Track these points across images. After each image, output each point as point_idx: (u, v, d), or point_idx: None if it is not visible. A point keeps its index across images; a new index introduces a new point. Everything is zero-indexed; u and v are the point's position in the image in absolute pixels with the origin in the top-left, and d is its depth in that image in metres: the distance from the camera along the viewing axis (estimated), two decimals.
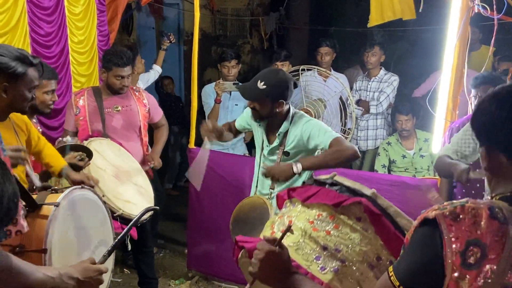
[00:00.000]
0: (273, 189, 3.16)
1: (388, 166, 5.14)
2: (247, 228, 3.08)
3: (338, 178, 2.08)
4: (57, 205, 1.99)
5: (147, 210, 2.44)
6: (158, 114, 4.17)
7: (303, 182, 2.38)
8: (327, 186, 2.08)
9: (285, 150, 3.16)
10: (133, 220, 2.31)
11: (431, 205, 1.35)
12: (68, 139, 3.24)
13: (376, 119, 5.45)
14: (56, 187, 2.16)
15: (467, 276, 1.22)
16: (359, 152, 3.05)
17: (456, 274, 1.23)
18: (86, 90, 3.93)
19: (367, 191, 1.98)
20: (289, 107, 3.20)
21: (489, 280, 1.21)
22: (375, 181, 3.98)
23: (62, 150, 3.01)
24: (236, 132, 3.57)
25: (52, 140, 3.28)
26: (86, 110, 3.80)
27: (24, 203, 1.91)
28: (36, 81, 2.47)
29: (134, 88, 4.14)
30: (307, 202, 2.05)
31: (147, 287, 4.17)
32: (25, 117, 2.68)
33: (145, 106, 4.01)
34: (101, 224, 2.40)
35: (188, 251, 4.76)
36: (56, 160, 2.82)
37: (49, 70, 3.12)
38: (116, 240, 2.12)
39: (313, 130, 3.07)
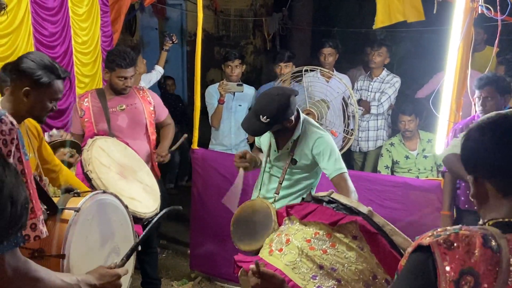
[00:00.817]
0: (277, 194, 3.16)
1: (391, 167, 5.14)
2: (248, 231, 3.08)
3: (335, 196, 2.15)
4: (77, 210, 1.98)
5: (169, 210, 2.40)
6: (164, 113, 4.17)
7: (302, 198, 2.40)
8: (324, 204, 2.12)
9: (293, 157, 3.15)
10: (154, 220, 2.29)
11: (434, 207, 1.36)
12: (54, 132, 3.17)
13: (377, 119, 5.45)
14: (78, 191, 2.14)
15: None
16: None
17: None
18: (90, 92, 3.93)
19: (364, 209, 2.03)
20: (299, 113, 3.17)
21: None
22: (378, 182, 3.99)
23: (53, 147, 2.97)
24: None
25: None
26: (90, 111, 3.81)
27: (45, 207, 1.90)
28: (60, 94, 2.47)
29: (138, 87, 4.15)
30: (305, 220, 2.10)
31: None
32: (36, 123, 2.68)
33: (150, 104, 4.01)
34: (123, 229, 2.38)
35: (190, 251, 4.76)
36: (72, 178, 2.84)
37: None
38: (135, 244, 2.11)
39: (324, 150, 3.07)
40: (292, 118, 3.07)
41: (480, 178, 1.37)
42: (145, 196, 3.41)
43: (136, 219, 3.20)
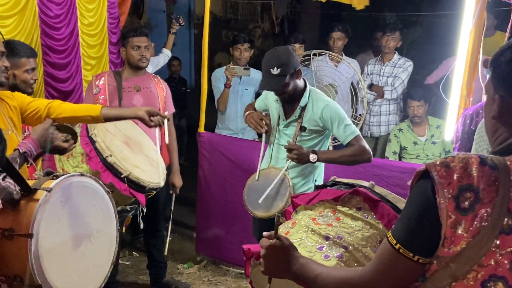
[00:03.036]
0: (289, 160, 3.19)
1: (399, 152, 5.09)
2: (261, 197, 3.19)
3: (338, 179, 2.23)
4: (49, 190, 1.92)
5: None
6: (170, 108, 4.15)
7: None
8: (327, 188, 2.17)
9: (302, 124, 3.20)
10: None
11: None
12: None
13: (389, 104, 5.38)
14: (58, 173, 2.08)
15: (463, 221, 1.21)
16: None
17: (451, 220, 1.22)
18: (107, 72, 3.97)
19: (365, 184, 2.09)
20: (305, 82, 3.24)
21: (486, 224, 1.21)
22: (386, 168, 3.95)
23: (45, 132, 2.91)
24: None
25: None
26: (106, 89, 3.81)
27: (18, 188, 1.86)
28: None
29: (152, 74, 4.16)
30: (309, 204, 2.15)
31: (156, 271, 4.18)
32: (6, 92, 2.61)
33: (163, 91, 4.01)
34: (102, 213, 2.31)
35: (196, 235, 4.77)
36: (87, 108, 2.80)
37: (28, 48, 3.08)
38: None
39: (333, 117, 3.13)
40: (300, 71, 3.15)
41: (509, 100, 1.35)
42: (150, 168, 3.39)
43: (139, 187, 3.21)
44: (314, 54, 4.73)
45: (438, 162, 1.26)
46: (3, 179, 1.75)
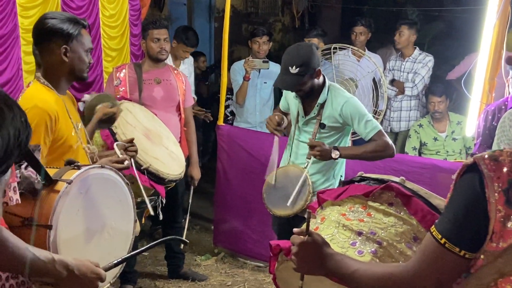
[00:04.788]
0: (309, 158, 3.16)
1: (419, 148, 5.05)
2: (282, 196, 3.18)
3: (366, 174, 2.16)
4: (69, 182, 1.93)
5: (171, 239, 2.31)
6: (190, 101, 4.16)
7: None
8: (355, 183, 2.12)
9: (321, 121, 3.17)
10: (155, 243, 2.25)
11: None
12: (86, 97, 3.14)
13: (410, 100, 5.33)
14: (79, 164, 2.10)
15: None
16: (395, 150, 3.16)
17: (500, 214, 1.19)
18: (128, 64, 3.99)
19: (396, 179, 2.03)
20: (325, 78, 3.21)
21: None
22: (405, 163, 3.92)
23: (91, 109, 2.93)
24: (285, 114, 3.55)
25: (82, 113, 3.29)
26: (126, 81, 3.84)
27: (39, 177, 1.88)
28: (91, 43, 2.45)
29: (172, 66, 4.17)
30: (338, 200, 2.09)
31: (174, 262, 4.21)
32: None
33: (183, 83, 4.02)
34: (121, 205, 2.31)
35: (214, 227, 4.78)
36: None
37: None
38: (126, 256, 2.06)
39: (353, 114, 3.10)
40: (320, 69, 3.11)
41: None
42: (169, 160, 3.40)
43: (159, 179, 3.23)
44: (335, 48, 4.71)
45: (486, 156, 1.23)
46: (26, 168, 1.77)
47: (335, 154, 3.04)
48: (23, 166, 1.76)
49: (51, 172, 2.00)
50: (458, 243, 1.24)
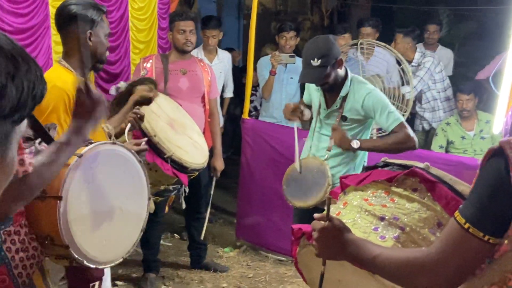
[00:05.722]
0: (329, 151, 3.16)
1: (446, 147, 4.99)
2: (302, 188, 3.20)
3: (389, 160, 2.13)
4: (80, 156, 1.97)
5: None
6: (215, 92, 4.19)
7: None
8: (378, 169, 2.10)
9: (343, 114, 3.16)
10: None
11: None
12: (122, 84, 3.20)
13: (435, 100, 5.27)
14: (91, 140, 2.14)
15: None
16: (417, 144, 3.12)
17: None
18: (154, 55, 4.05)
19: (420, 165, 2.00)
20: (347, 70, 3.20)
21: None
22: (430, 159, 3.77)
23: (128, 93, 2.98)
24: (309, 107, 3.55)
25: None
26: (153, 71, 3.89)
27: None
28: (109, 28, 2.56)
29: (198, 58, 4.21)
30: (361, 185, 2.08)
31: (196, 252, 4.25)
32: None
33: (208, 75, 4.06)
34: (133, 182, 2.31)
35: (237, 220, 4.81)
36: None
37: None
38: None
39: (375, 106, 3.07)
40: (342, 60, 3.10)
41: None
42: (193, 149, 3.43)
43: (182, 167, 3.26)
44: (361, 43, 4.68)
45: None
46: (39, 143, 1.81)
47: (355, 143, 3.04)
48: (37, 142, 1.80)
49: None
50: (482, 228, 1.22)
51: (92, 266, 2.04)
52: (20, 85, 0.77)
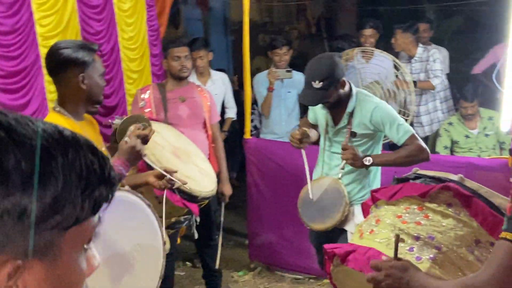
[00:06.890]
0: (343, 169, 3.10)
1: (451, 147, 4.94)
2: (319, 210, 3.14)
3: (421, 171, 2.06)
4: None
5: None
6: (215, 117, 4.14)
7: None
8: (410, 181, 2.04)
9: (352, 130, 3.11)
10: None
11: (501, 186, 1.25)
12: (117, 120, 3.11)
13: (427, 103, 5.21)
14: None
15: None
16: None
17: None
18: (151, 85, 3.99)
19: (454, 177, 1.94)
20: (351, 85, 3.14)
21: None
22: (439, 164, 3.81)
23: (123, 132, 2.91)
24: (314, 126, 3.49)
25: (106, 138, 3.28)
26: (152, 102, 3.83)
27: None
28: (103, 67, 2.48)
29: (195, 84, 4.17)
30: (393, 200, 2.02)
31: (212, 280, 4.16)
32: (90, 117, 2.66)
33: (207, 100, 4.01)
34: (144, 227, 2.22)
35: (249, 242, 4.73)
36: None
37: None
38: None
39: (384, 120, 3.03)
40: (344, 79, 3.04)
41: None
42: (201, 176, 3.36)
43: (191, 197, 3.19)
44: (362, 51, 4.64)
45: None
46: None
47: (367, 161, 2.98)
48: None
49: None
50: None
51: None
52: (59, 180, 0.70)
